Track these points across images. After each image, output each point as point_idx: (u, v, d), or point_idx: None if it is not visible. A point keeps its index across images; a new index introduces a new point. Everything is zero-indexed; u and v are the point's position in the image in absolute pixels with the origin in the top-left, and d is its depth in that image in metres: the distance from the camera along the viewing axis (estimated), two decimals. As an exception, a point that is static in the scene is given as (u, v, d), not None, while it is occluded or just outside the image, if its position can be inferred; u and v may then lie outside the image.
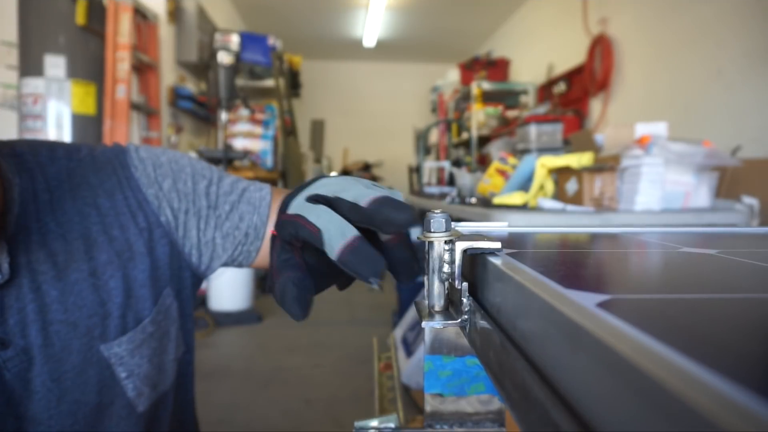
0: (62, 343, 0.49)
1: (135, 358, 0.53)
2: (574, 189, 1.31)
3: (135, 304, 0.53)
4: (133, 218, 0.54)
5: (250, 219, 0.60)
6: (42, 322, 0.48)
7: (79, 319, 0.49)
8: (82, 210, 0.52)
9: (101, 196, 0.53)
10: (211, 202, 0.59)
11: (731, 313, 0.19)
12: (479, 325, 0.27)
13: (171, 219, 0.57)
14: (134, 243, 0.53)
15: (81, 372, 0.50)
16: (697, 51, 2.57)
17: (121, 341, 0.52)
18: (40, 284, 0.48)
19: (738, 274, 0.27)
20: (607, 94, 3.37)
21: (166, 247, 0.56)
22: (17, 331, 0.47)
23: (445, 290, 0.30)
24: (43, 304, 0.48)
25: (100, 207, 0.53)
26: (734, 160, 1.33)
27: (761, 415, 0.10)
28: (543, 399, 0.18)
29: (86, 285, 0.50)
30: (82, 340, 0.50)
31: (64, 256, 0.49)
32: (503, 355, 0.23)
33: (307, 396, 1.99)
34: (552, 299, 0.19)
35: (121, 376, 0.52)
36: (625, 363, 0.13)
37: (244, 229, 0.60)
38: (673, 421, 0.11)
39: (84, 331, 0.50)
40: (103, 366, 0.51)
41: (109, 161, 0.55)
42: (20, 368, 0.47)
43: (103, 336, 0.51)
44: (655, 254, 0.35)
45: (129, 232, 0.53)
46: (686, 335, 0.16)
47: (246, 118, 3.97)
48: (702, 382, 0.12)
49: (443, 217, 0.30)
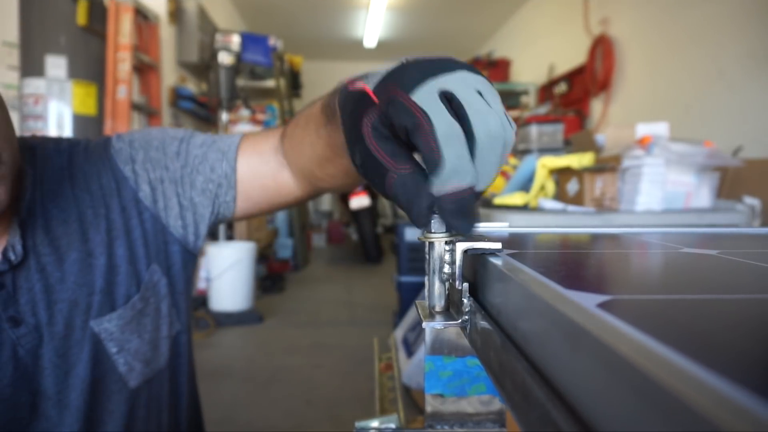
0: (65, 321, 0.52)
1: (125, 333, 0.55)
2: (575, 189, 1.31)
3: (122, 281, 0.55)
4: (117, 197, 0.57)
5: (220, 167, 0.59)
6: (47, 301, 0.51)
7: (79, 297, 0.53)
8: (78, 195, 0.55)
9: (92, 181, 0.56)
10: (183, 160, 0.59)
11: (731, 313, 0.19)
12: (480, 325, 0.27)
13: (149, 192, 0.58)
14: (116, 221, 0.56)
15: (82, 348, 0.53)
16: (698, 51, 2.56)
17: (111, 317, 0.54)
18: (44, 265, 0.51)
19: (739, 274, 0.27)
20: (608, 94, 3.36)
21: (148, 223, 0.58)
22: (28, 309, 0.50)
23: (445, 291, 0.30)
24: (48, 284, 0.51)
25: (92, 191, 0.56)
26: (735, 161, 1.33)
27: (760, 414, 0.10)
28: (543, 399, 0.18)
29: (84, 265, 0.53)
30: (82, 318, 0.53)
31: (65, 239, 0.53)
32: (504, 355, 0.23)
33: (307, 396, 1.99)
34: (552, 300, 0.19)
35: (111, 351, 0.54)
36: (625, 363, 0.13)
37: (217, 180, 0.59)
38: (673, 421, 0.11)
39: (84, 308, 0.53)
40: (95, 341, 0.53)
41: (96, 148, 0.58)
42: (32, 345, 0.50)
43: (101, 310, 0.54)
44: (655, 255, 0.35)
45: (113, 212, 0.56)
46: (686, 336, 0.16)
47: (247, 119, 3.97)
48: (701, 382, 0.12)
49: (444, 218, 0.30)
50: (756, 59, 2.20)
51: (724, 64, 2.38)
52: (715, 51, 2.44)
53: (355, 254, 5.22)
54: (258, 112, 4.04)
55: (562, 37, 4.12)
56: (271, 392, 2.03)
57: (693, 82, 2.61)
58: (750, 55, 2.24)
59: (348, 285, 3.99)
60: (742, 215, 1.30)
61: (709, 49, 2.48)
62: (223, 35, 3.10)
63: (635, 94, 3.13)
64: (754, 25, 2.21)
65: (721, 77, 2.40)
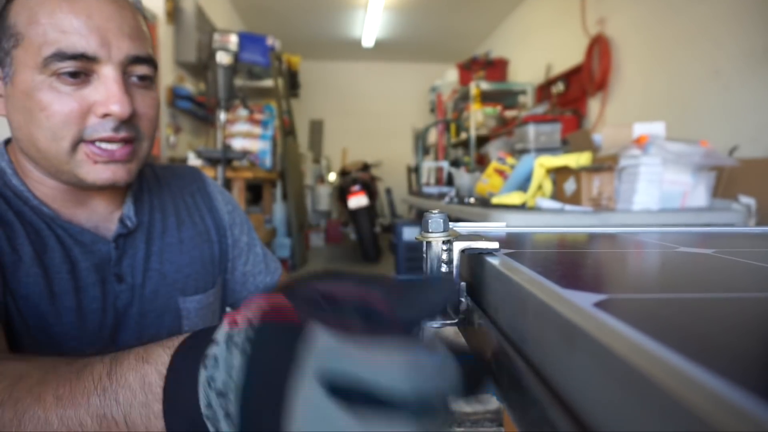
0: (153, 287, 0.62)
1: (197, 318, 0.65)
2: (573, 189, 1.31)
3: (205, 275, 0.68)
4: (209, 214, 0.71)
5: (262, 278, 0.76)
6: (143, 268, 0.61)
7: (168, 271, 0.63)
8: (174, 199, 0.69)
9: (187, 194, 0.71)
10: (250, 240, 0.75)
11: (726, 311, 0.19)
12: (477, 324, 0.27)
13: (228, 229, 0.73)
14: (209, 231, 0.70)
15: (159, 315, 0.62)
16: (694, 51, 2.57)
17: (194, 299, 0.65)
18: (151, 239, 0.63)
19: (734, 273, 0.27)
20: (605, 94, 3.37)
21: (225, 246, 0.72)
22: (129, 271, 0.60)
23: (443, 290, 0.30)
24: (149, 254, 0.62)
25: (186, 200, 0.70)
26: (731, 160, 1.33)
27: (753, 412, 0.10)
28: (540, 398, 0.18)
29: (176, 248, 0.65)
30: (167, 289, 0.63)
31: (162, 224, 0.65)
32: (500, 354, 0.23)
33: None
34: (549, 299, 0.19)
35: (184, 329, 0.63)
36: (621, 362, 0.14)
37: (258, 282, 0.76)
38: (668, 419, 0.12)
39: (170, 281, 0.63)
40: (175, 315, 0.63)
41: (187, 173, 0.74)
42: (126, 302, 0.59)
43: (183, 290, 0.64)
44: (652, 254, 0.36)
45: (206, 222, 0.70)
46: (681, 334, 0.16)
47: (245, 119, 3.96)
48: (696, 380, 0.12)
49: (441, 218, 0.30)
50: (752, 59, 2.21)
51: (721, 64, 2.39)
52: (712, 51, 2.45)
53: (353, 254, 5.22)
54: (256, 111, 4.03)
55: (559, 36, 4.12)
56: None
57: (689, 82, 2.61)
58: (746, 55, 2.24)
59: (346, 285, 3.98)
60: (738, 214, 1.31)
61: (706, 49, 2.49)
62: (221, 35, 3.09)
63: (632, 93, 3.14)
64: (749, 25, 2.22)
65: (718, 77, 2.41)
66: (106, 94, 0.51)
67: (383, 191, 5.92)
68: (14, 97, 0.52)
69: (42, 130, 0.51)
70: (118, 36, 0.52)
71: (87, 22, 0.50)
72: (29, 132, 0.52)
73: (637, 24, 3.06)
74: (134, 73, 0.54)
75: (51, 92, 0.50)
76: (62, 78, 0.50)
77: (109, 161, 0.53)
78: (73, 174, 0.53)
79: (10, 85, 0.52)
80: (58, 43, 0.49)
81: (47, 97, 0.50)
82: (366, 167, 5.29)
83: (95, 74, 0.52)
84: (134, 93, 0.54)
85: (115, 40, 0.51)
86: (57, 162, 0.53)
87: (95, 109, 0.52)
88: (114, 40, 0.51)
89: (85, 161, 0.53)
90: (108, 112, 0.52)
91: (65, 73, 0.50)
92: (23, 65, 0.50)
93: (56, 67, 0.49)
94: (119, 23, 0.52)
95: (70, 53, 0.49)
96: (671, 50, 2.75)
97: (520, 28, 5.18)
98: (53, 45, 0.49)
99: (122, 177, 0.55)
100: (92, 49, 0.50)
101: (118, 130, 0.53)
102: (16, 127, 0.53)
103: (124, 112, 0.52)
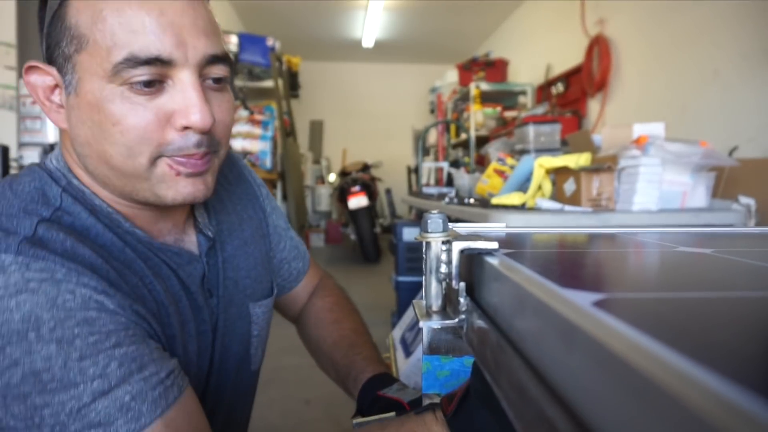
0: (229, 296, 0.59)
1: (262, 322, 0.64)
2: (572, 189, 1.31)
3: (266, 276, 0.65)
4: (253, 201, 0.67)
5: (297, 264, 0.75)
6: (223, 277, 0.58)
7: (239, 277, 0.60)
8: (229, 193, 0.64)
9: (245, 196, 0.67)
10: (285, 224, 0.73)
11: (724, 311, 0.19)
12: (476, 324, 0.27)
13: (269, 217, 0.70)
14: (262, 225, 0.67)
15: (233, 322, 0.60)
16: (694, 52, 2.57)
17: (262, 303, 0.63)
18: (222, 244, 0.59)
19: (732, 273, 0.27)
20: (604, 94, 3.37)
21: (269, 236, 0.69)
22: (215, 284, 0.57)
23: (442, 290, 0.30)
24: (224, 261, 0.59)
25: (238, 192, 0.66)
26: (731, 160, 1.33)
27: (752, 411, 0.10)
28: (539, 397, 0.18)
29: (242, 252, 0.61)
30: (239, 296, 0.60)
31: (227, 225, 0.61)
32: (500, 354, 0.23)
33: (306, 396, 1.99)
34: (547, 298, 0.19)
35: (253, 333, 0.63)
36: (620, 361, 0.14)
37: (292, 268, 0.74)
38: (667, 419, 0.12)
39: (241, 288, 0.60)
40: (246, 321, 0.61)
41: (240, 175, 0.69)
42: (216, 316, 0.57)
43: (252, 296, 0.62)
44: (651, 254, 0.36)
45: (259, 215, 0.67)
46: (679, 333, 0.16)
47: (245, 119, 3.96)
48: (694, 379, 0.12)
49: (440, 218, 0.30)
50: (751, 60, 2.21)
51: (720, 64, 2.39)
52: (711, 52, 2.45)
53: (354, 254, 5.22)
54: (256, 112, 4.03)
55: (559, 37, 4.13)
56: (269, 392, 2.03)
57: (689, 83, 2.62)
58: (745, 56, 2.24)
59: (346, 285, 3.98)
60: (737, 214, 1.31)
61: (705, 50, 2.49)
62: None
63: (632, 94, 3.14)
64: (748, 27, 2.22)
65: (717, 78, 2.41)
66: (184, 103, 0.45)
67: (383, 192, 5.92)
68: (79, 109, 0.46)
69: (116, 146, 0.45)
70: (194, 33, 0.45)
71: (160, 20, 0.43)
72: (100, 148, 0.46)
73: (637, 25, 3.06)
74: (210, 75, 0.48)
75: (124, 104, 0.44)
76: (136, 88, 0.44)
77: (191, 173, 0.48)
78: (152, 192, 0.48)
79: (74, 95, 0.46)
80: (130, 45, 0.43)
81: (120, 109, 0.44)
82: (366, 168, 5.29)
83: (170, 80, 0.46)
84: (211, 98, 0.48)
85: (190, 38, 0.45)
86: (135, 179, 0.47)
87: (174, 121, 0.46)
88: (190, 39, 0.45)
89: (167, 174, 0.47)
90: (188, 124, 0.46)
91: (139, 82, 0.44)
92: (89, 73, 0.44)
93: (128, 75, 0.43)
94: (193, 18, 0.46)
95: (144, 57, 0.43)
96: (671, 51, 2.75)
97: (520, 28, 5.18)
98: (124, 48, 0.43)
99: (202, 192, 0.49)
100: (167, 51, 0.44)
101: (200, 145, 0.47)
102: (83, 142, 0.47)
103: (206, 124, 0.46)
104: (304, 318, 0.77)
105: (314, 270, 0.80)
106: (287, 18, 5.59)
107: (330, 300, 0.76)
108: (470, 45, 6.34)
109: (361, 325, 0.74)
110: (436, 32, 6.03)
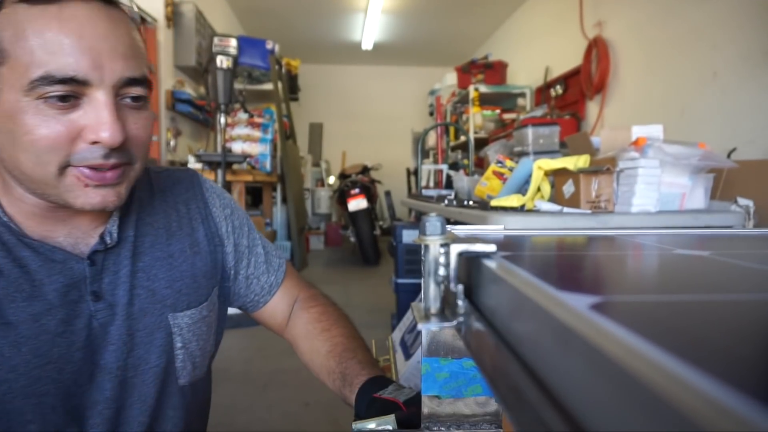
0: (141, 305, 0.59)
1: (189, 333, 0.64)
2: (571, 191, 1.31)
3: (197, 289, 0.65)
4: (202, 224, 0.68)
5: (266, 278, 0.75)
6: (130, 285, 0.59)
7: (157, 288, 0.61)
8: (166, 209, 0.66)
9: (180, 202, 0.68)
10: (250, 242, 0.74)
11: (720, 314, 0.19)
12: (474, 327, 0.27)
13: (225, 237, 0.70)
14: (201, 242, 0.67)
15: (150, 333, 0.60)
16: (692, 54, 2.58)
17: (185, 314, 0.63)
18: (137, 255, 0.60)
19: (729, 275, 0.27)
20: (603, 96, 3.38)
21: (220, 255, 0.70)
22: (109, 288, 0.58)
23: (440, 293, 0.30)
24: (134, 270, 0.60)
25: (179, 210, 0.67)
26: (730, 162, 1.33)
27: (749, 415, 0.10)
28: (536, 400, 0.18)
29: (165, 263, 0.62)
30: (156, 306, 0.61)
31: (151, 238, 0.62)
32: (497, 356, 0.23)
33: (306, 398, 1.98)
34: (544, 301, 0.19)
35: (176, 345, 0.63)
36: (616, 365, 0.14)
37: (263, 282, 0.74)
38: (663, 422, 0.12)
39: (159, 298, 0.61)
40: (166, 332, 0.61)
41: (184, 178, 0.70)
42: (105, 320, 0.57)
43: (174, 306, 0.62)
44: (649, 256, 0.36)
45: (198, 233, 0.67)
46: (676, 336, 0.16)
47: (244, 122, 3.97)
48: (690, 382, 0.12)
49: (438, 220, 0.30)
50: (749, 62, 2.22)
51: (718, 66, 2.40)
52: (710, 54, 2.45)
53: (353, 256, 5.22)
54: (256, 115, 4.03)
55: (558, 39, 4.14)
56: (269, 395, 2.02)
57: (687, 85, 2.62)
58: (743, 58, 2.25)
59: (346, 287, 3.99)
60: (736, 216, 1.31)
61: (704, 51, 2.50)
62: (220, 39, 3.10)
63: (630, 96, 3.15)
64: (747, 28, 2.23)
65: (715, 80, 2.42)
66: (96, 121, 0.48)
67: (383, 194, 5.92)
68: None
69: (26, 153, 0.48)
70: (112, 57, 0.48)
71: (78, 43, 0.46)
72: (13, 154, 0.49)
73: (636, 27, 3.07)
74: (127, 95, 0.51)
75: (37, 116, 0.47)
76: (50, 102, 0.47)
77: (99, 185, 0.51)
78: (61, 198, 0.51)
79: None
80: (47, 65, 0.46)
81: (32, 120, 0.47)
82: (365, 170, 5.30)
83: (86, 97, 0.48)
84: (126, 115, 0.52)
85: (108, 61, 0.48)
86: (44, 185, 0.50)
87: (84, 135, 0.49)
88: (107, 62, 0.48)
89: (75, 184, 0.50)
90: (98, 140, 0.49)
91: (53, 97, 0.47)
92: (8, 85, 0.47)
93: (43, 91, 0.46)
94: (113, 43, 0.49)
95: (59, 76, 0.46)
96: (669, 53, 2.76)
97: (518, 31, 5.19)
98: (41, 67, 0.46)
99: (112, 201, 0.52)
100: (83, 72, 0.47)
101: (108, 157, 0.50)
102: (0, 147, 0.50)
103: (114, 140, 0.49)
104: (293, 332, 0.76)
105: (294, 282, 0.79)
106: (287, 21, 5.60)
107: (316, 310, 0.76)
108: (469, 47, 6.35)
109: (352, 329, 0.74)
110: (434, 35, 6.04)
